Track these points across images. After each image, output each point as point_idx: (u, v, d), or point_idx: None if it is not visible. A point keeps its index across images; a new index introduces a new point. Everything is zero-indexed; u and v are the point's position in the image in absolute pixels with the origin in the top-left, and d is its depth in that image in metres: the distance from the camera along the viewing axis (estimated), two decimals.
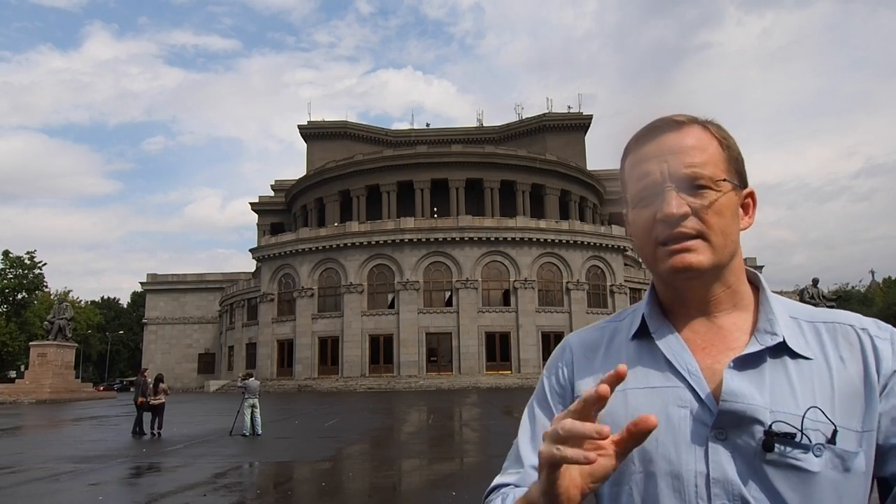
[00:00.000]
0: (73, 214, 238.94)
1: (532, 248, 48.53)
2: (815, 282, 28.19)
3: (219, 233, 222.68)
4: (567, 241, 49.12)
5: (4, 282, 62.83)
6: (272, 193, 76.81)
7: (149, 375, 18.60)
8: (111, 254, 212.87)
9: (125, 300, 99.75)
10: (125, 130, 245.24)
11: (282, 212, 73.26)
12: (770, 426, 0.85)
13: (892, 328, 0.95)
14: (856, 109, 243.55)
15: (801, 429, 0.85)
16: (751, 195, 1.00)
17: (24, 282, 63.71)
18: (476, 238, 48.02)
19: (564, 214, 61.52)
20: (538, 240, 48.62)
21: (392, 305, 48.39)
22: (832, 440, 0.85)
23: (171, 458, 12.22)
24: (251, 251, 56.23)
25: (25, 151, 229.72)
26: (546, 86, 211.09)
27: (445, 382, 43.80)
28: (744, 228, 0.98)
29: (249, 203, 76.51)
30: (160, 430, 16.82)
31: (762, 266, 68.69)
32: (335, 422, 19.63)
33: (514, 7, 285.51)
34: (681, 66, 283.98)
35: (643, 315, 1.01)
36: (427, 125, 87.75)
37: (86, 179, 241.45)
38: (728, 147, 0.98)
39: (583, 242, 49.59)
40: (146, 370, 19.84)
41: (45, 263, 64.60)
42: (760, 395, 0.88)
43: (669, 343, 0.96)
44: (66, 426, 21.96)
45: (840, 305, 31.81)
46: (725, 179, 0.94)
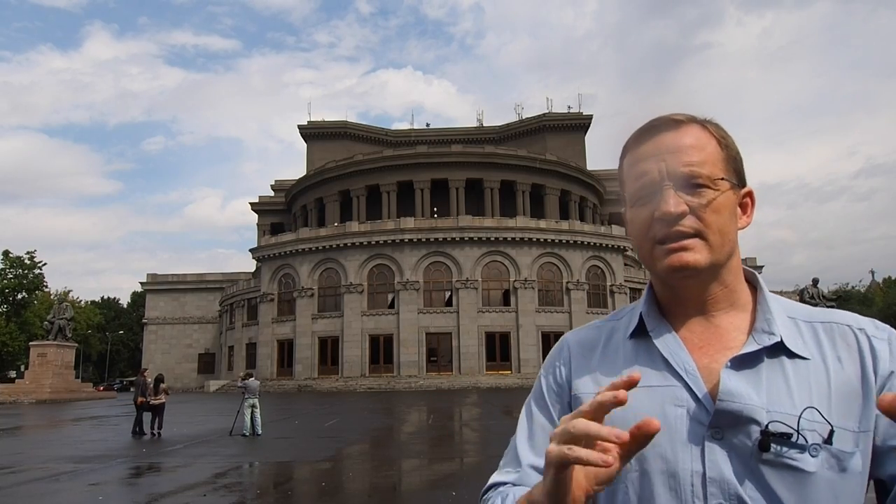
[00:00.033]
0: (73, 214, 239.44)
1: (532, 248, 48.52)
2: (815, 282, 28.24)
3: (219, 233, 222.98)
4: (567, 241, 49.11)
5: (4, 282, 62.84)
6: (272, 193, 76.83)
7: (148, 375, 18.62)
8: (111, 254, 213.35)
9: (125, 300, 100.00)
10: (125, 130, 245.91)
11: (282, 212, 73.26)
12: (767, 426, 0.85)
13: (890, 328, 0.94)
14: (856, 109, 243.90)
15: (798, 429, 0.85)
16: (749, 194, 1.00)
17: (24, 282, 63.75)
18: (476, 238, 48.00)
19: (564, 214, 61.50)
20: (538, 240, 48.60)
21: (392, 305, 48.38)
22: (829, 440, 0.85)
23: (171, 458, 12.22)
24: (251, 251, 56.24)
25: (25, 151, 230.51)
26: (546, 86, 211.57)
27: (445, 382, 43.78)
28: (742, 228, 0.98)
29: (249, 203, 76.57)
30: (160, 430, 16.82)
31: (762, 266, 68.73)
32: (335, 422, 19.63)
33: (514, 7, 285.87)
34: (681, 67, 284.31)
35: (641, 314, 1.00)
36: (427, 125, 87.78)
37: (86, 179, 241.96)
38: (726, 146, 0.97)
39: (583, 242, 49.58)
40: (146, 370, 19.86)
41: (45, 263, 64.76)
42: (757, 395, 0.87)
43: (667, 342, 0.96)
44: (66, 426, 21.94)
45: (840, 305, 31.80)
46: (724, 178, 0.94)
